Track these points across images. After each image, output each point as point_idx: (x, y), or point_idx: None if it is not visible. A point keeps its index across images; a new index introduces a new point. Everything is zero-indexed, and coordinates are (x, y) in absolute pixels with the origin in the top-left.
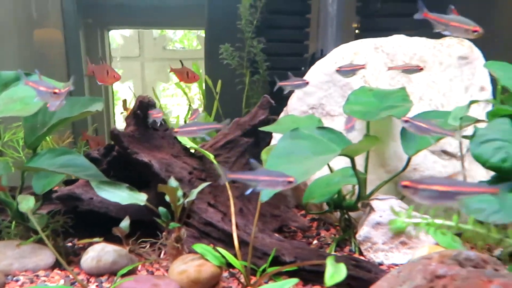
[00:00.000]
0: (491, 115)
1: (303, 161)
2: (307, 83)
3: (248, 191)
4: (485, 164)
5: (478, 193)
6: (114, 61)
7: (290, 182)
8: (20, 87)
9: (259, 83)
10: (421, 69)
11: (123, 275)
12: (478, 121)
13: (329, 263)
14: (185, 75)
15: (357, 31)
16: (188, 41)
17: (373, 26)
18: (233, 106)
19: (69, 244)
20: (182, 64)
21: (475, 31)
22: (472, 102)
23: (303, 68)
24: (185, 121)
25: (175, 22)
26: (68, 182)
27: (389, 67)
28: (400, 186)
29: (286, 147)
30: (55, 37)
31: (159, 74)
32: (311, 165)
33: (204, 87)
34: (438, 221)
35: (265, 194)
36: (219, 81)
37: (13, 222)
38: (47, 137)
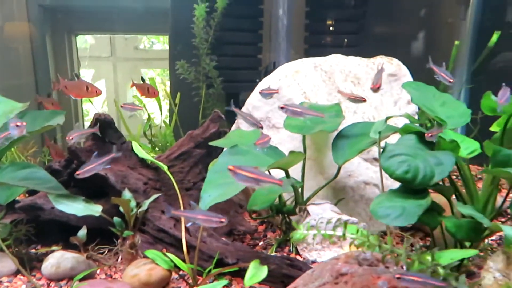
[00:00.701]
0: (402, 131)
1: None
2: (261, 127)
3: (189, 224)
4: (392, 175)
5: (270, 182)
6: (82, 65)
7: (222, 222)
8: None
9: (214, 96)
10: (365, 100)
11: (81, 279)
12: (394, 132)
13: (252, 266)
14: (146, 90)
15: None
16: (164, 37)
17: (319, 42)
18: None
19: (33, 250)
20: (144, 80)
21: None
22: (387, 118)
23: (257, 80)
24: (144, 133)
25: (142, 27)
26: (31, 192)
27: (339, 91)
28: (228, 168)
29: (224, 163)
30: (21, 46)
31: (131, 74)
32: None
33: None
34: (330, 232)
35: (203, 206)
36: (178, 94)
37: None
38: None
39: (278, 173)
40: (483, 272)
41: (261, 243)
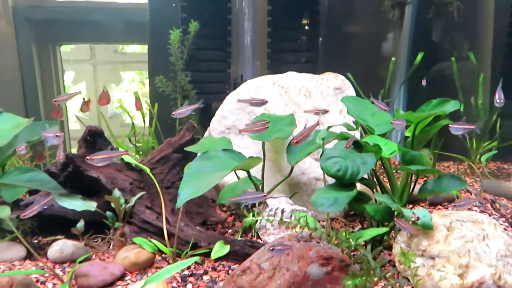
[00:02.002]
0: (339, 137)
1: (208, 176)
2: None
3: (243, 206)
4: (328, 174)
5: (119, 155)
6: (66, 69)
7: (265, 196)
8: None
9: None
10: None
11: (80, 262)
12: (335, 138)
13: (217, 245)
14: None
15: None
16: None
17: (279, 58)
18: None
19: (36, 241)
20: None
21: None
22: (329, 127)
23: (227, 92)
24: (129, 139)
25: (123, 38)
26: (32, 191)
27: (305, 110)
28: (87, 158)
29: (196, 166)
30: (8, 55)
31: (111, 77)
32: (213, 178)
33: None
34: (271, 218)
35: (179, 202)
36: (156, 104)
37: None
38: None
39: (243, 174)
40: (394, 244)
41: (230, 230)
